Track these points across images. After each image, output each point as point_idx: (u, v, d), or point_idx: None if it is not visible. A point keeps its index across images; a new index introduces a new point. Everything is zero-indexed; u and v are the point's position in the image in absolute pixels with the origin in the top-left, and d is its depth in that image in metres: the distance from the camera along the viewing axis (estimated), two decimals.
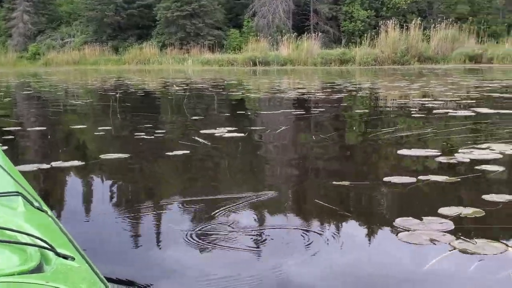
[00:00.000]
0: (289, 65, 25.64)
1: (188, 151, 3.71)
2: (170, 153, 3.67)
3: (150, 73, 22.06)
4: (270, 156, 3.96)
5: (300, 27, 37.25)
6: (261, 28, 37.40)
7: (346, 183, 2.78)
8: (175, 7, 36.50)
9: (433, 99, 7.07)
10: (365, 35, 36.69)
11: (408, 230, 2.13)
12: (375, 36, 22.73)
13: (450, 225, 2.19)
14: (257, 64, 26.74)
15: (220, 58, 30.24)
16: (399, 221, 2.23)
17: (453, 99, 7.02)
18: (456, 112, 5.60)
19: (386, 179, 2.85)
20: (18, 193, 1.16)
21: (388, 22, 21.45)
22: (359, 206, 2.60)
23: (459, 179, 2.80)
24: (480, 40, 22.62)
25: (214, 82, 12.67)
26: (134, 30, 39.62)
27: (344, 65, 23.42)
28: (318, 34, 27.57)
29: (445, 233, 2.07)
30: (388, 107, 6.74)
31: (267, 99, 8.40)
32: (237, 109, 6.79)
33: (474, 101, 6.53)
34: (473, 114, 5.40)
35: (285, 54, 26.90)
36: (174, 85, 11.04)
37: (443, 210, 2.32)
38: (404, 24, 22.64)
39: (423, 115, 5.56)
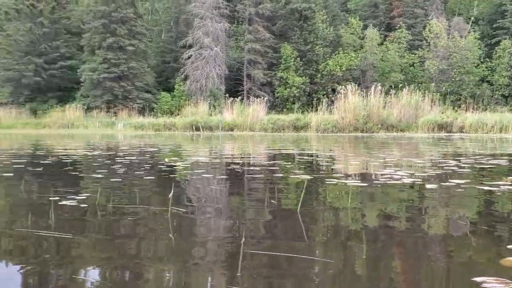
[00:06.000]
0: (236, 131, 23.88)
1: None
2: None
3: (79, 138, 19.47)
4: None
5: (233, 92, 36.23)
6: (193, 92, 36.02)
7: None
8: (102, 69, 34.41)
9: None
10: (300, 100, 36.40)
11: None
12: (334, 101, 21.63)
13: None
14: (200, 129, 24.77)
15: (155, 122, 27.95)
16: None
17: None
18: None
19: None
20: None
21: (348, 86, 20.37)
22: None
23: None
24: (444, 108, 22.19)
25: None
26: (55, 92, 36.81)
27: (299, 131, 21.94)
28: (254, 99, 26.24)
29: None
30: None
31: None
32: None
33: None
34: None
35: (229, 119, 25.18)
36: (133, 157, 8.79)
37: None
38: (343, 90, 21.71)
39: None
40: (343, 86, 20.52)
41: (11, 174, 5.74)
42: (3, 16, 40.43)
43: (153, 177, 5.44)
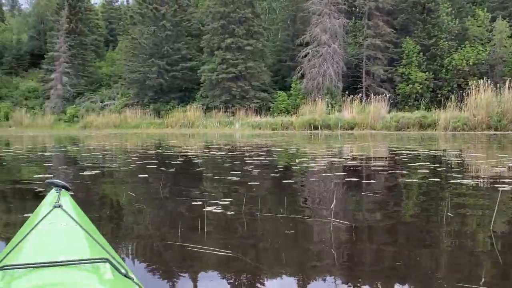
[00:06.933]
0: (357, 129, 23.03)
1: None
2: None
3: (200, 137, 19.71)
4: None
5: (351, 89, 35.25)
6: (310, 91, 35.51)
7: None
8: (220, 69, 34.95)
9: None
10: (424, 97, 34.65)
11: None
12: (463, 97, 20.07)
13: None
14: (319, 128, 24.22)
15: (272, 122, 27.79)
16: None
17: None
18: None
19: None
20: (106, 260, 1.13)
21: (480, 81, 18.85)
22: None
23: None
24: None
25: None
26: (177, 93, 38.03)
27: (425, 129, 20.64)
28: (374, 96, 25.16)
29: None
30: None
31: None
32: None
33: None
34: None
35: (349, 117, 24.36)
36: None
37: None
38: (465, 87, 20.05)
39: None
40: (473, 82, 18.94)
41: (146, 175, 5.60)
42: (128, 20, 42.56)
43: (292, 181, 5.03)
